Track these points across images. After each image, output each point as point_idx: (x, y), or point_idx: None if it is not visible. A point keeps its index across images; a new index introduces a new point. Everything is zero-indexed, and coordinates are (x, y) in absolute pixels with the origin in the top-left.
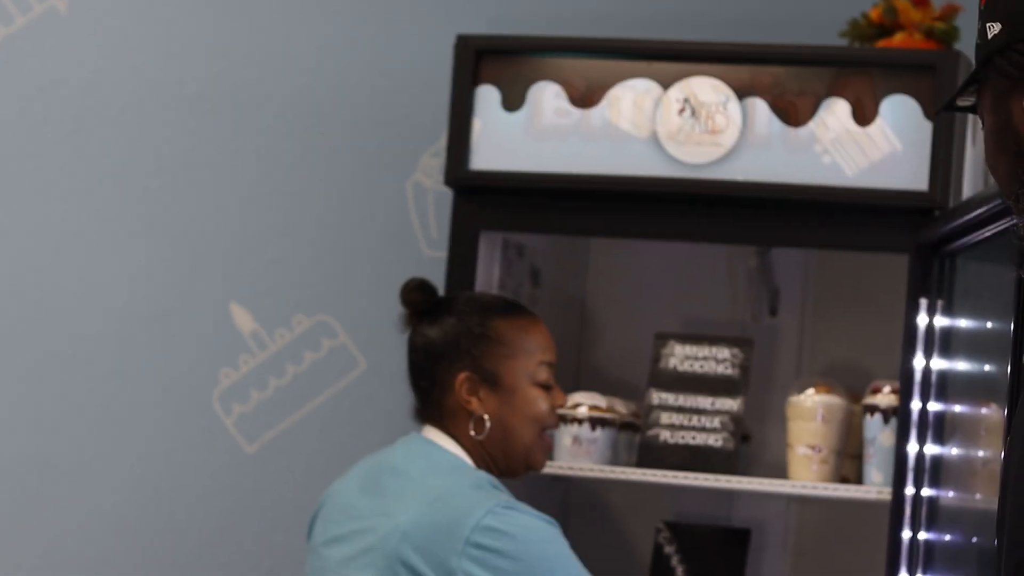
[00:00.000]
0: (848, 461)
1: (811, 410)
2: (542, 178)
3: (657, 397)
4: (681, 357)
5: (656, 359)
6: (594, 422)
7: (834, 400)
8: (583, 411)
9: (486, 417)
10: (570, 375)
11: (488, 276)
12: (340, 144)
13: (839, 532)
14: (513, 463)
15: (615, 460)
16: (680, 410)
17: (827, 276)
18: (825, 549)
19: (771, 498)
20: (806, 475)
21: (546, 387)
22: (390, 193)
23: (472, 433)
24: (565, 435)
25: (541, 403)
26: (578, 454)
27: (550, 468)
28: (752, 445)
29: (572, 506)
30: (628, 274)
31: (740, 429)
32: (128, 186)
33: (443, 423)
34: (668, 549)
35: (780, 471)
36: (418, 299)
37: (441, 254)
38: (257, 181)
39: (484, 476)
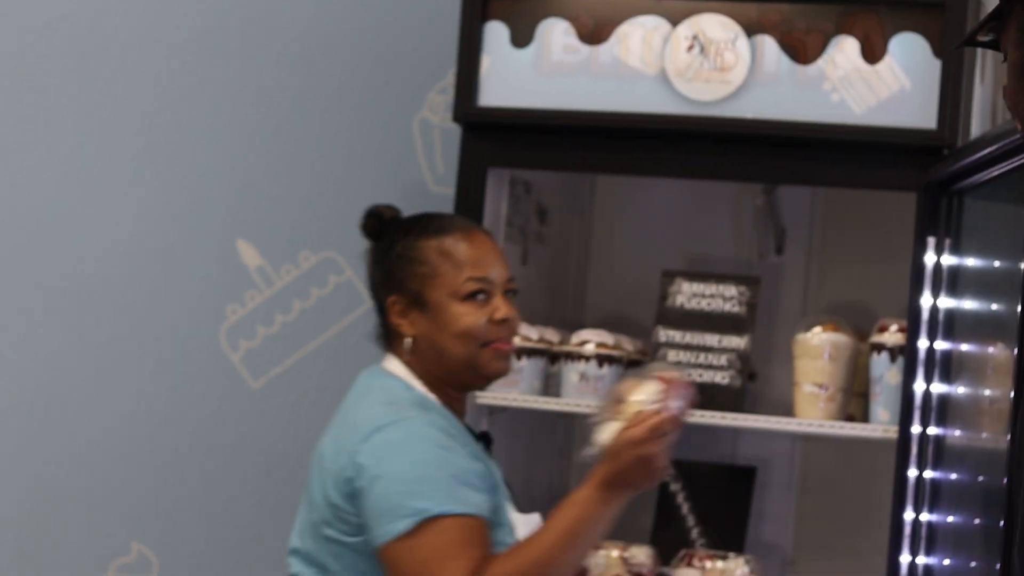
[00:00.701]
0: (855, 399)
1: (818, 348)
2: (550, 115)
3: (664, 335)
4: (688, 295)
5: (663, 297)
6: (601, 359)
7: (841, 338)
8: (590, 348)
9: (412, 339)
10: (577, 312)
11: (495, 213)
12: (346, 80)
13: (845, 470)
14: (458, 378)
15: None
16: (687, 347)
17: (834, 215)
18: (831, 487)
19: (777, 436)
20: (812, 413)
21: (478, 301)
22: (397, 130)
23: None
24: (572, 372)
25: (468, 318)
26: (585, 391)
27: (557, 404)
28: (758, 383)
29: (578, 443)
30: (635, 212)
31: (747, 367)
32: (133, 122)
33: (393, 348)
34: (674, 487)
35: (786, 409)
36: (366, 225)
37: (448, 191)
38: (263, 118)
39: (401, 395)
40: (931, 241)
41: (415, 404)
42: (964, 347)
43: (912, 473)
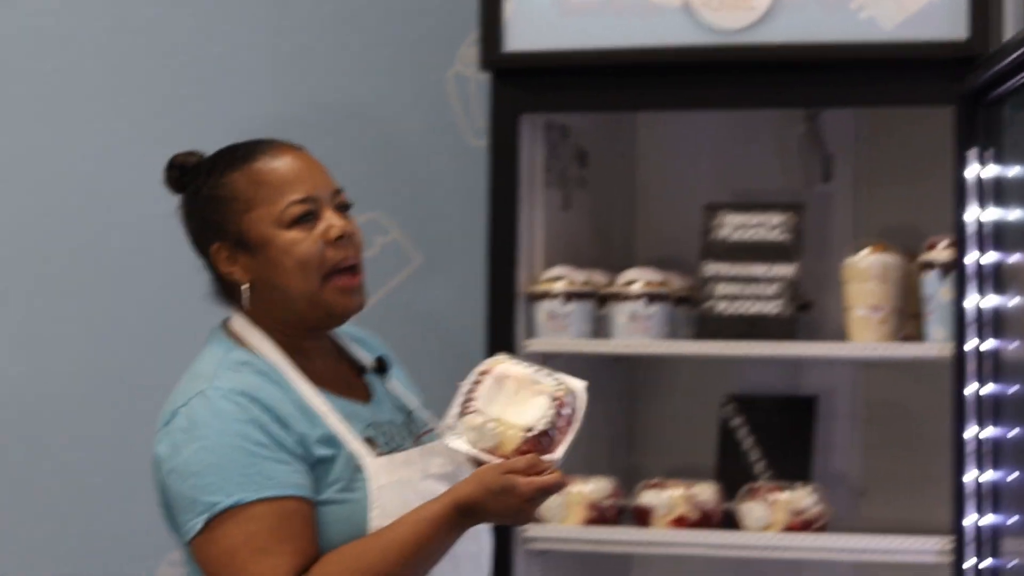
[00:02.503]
0: (910, 321)
1: (867, 270)
2: (577, 55)
3: (711, 268)
4: (732, 227)
5: (707, 231)
6: (649, 297)
7: (890, 259)
8: (637, 287)
9: (248, 285)
10: (624, 254)
11: (532, 160)
12: (377, 39)
13: (908, 395)
14: (307, 318)
15: (673, 335)
16: (735, 280)
17: (879, 139)
18: (894, 413)
19: (837, 365)
20: (867, 336)
21: (306, 224)
22: (431, 86)
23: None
24: (621, 313)
25: (302, 245)
26: (635, 331)
27: (608, 346)
28: (814, 313)
29: (636, 387)
30: (677, 148)
31: (797, 295)
32: (162, 82)
33: (232, 303)
34: (735, 422)
35: (843, 338)
36: (168, 179)
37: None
38: (295, 82)
39: (211, 362)
40: (972, 153)
41: (228, 368)
42: (1014, 257)
43: (970, 389)
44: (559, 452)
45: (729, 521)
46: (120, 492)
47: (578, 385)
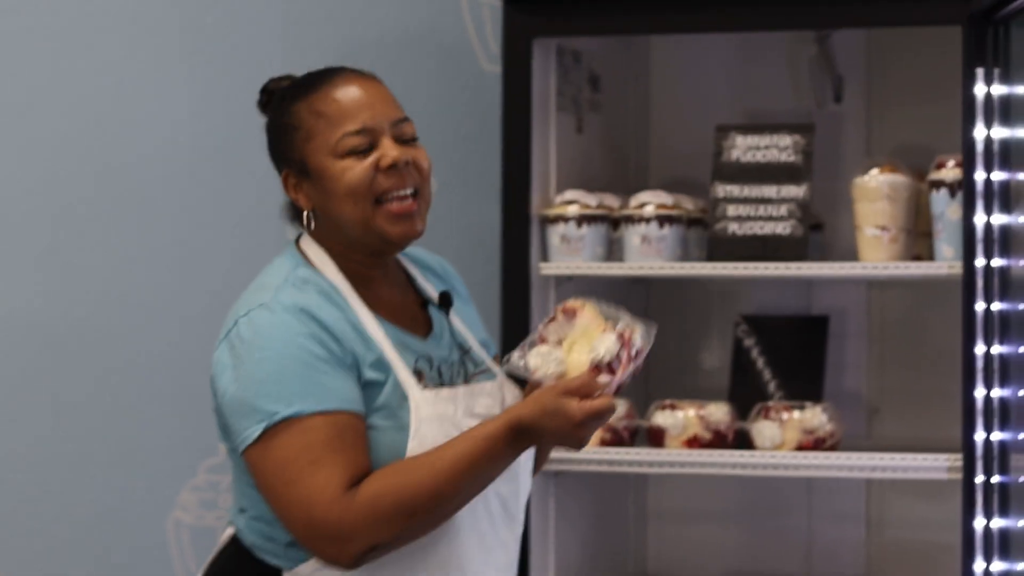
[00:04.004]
0: (920, 240)
1: (876, 190)
2: None
3: (722, 190)
4: (743, 148)
5: (718, 152)
6: (661, 220)
7: (898, 179)
8: (650, 210)
9: (311, 212)
10: (638, 177)
11: (544, 85)
12: None
13: (919, 315)
14: (363, 245)
15: (686, 257)
16: (746, 201)
17: (889, 60)
18: (906, 333)
19: (848, 285)
20: (876, 256)
21: (361, 154)
22: (446, 11)
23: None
24: (633, 235)
25: (351, 173)
26: (648, 253)
27: (621, 269)
28: (825, 234)
29: (653, 309)
30: (688, 71)
31: (807, 216)
32: (187, 6)
33: (303, 226)
34: (748, 342)
35: (853, 257)
36: (259, 103)
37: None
38: (311, 6)
39: (278, 275)
40: (980, 72)
41: (291, 283)
42: (1022, 175)
43: (979, 306)
44: (615, 381)
45: (742, 441)
46: (145, 416)
47: (646, 326)
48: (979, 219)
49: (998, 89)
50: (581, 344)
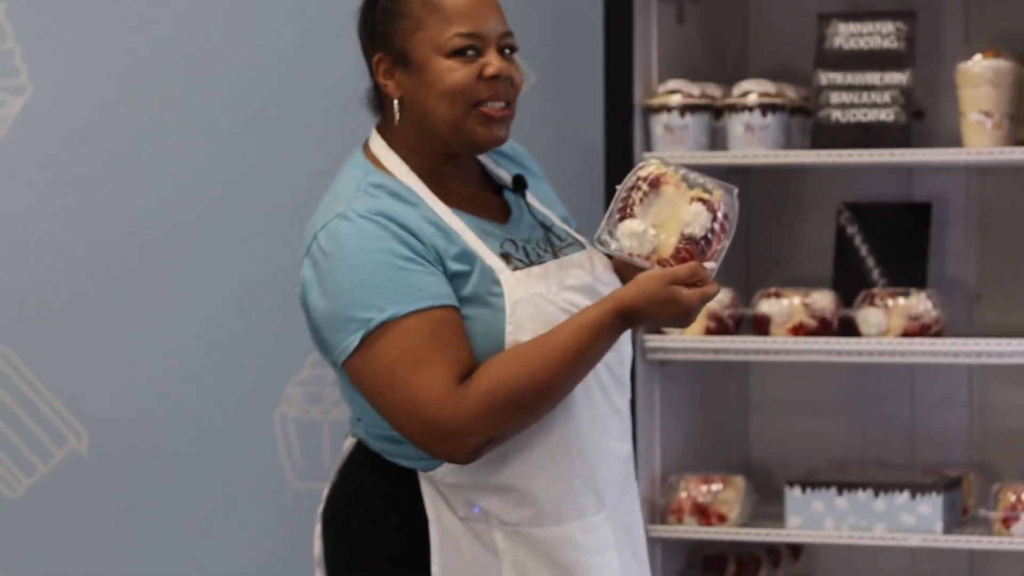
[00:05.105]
0: (1023, 125)
1: (980, 76)
2: None
3: (825, 78)
4: (846, 35)
5: (821, 40)
6: (764, 108)
7: (1002, 64)
8: (752, 98)
9: (399, 100)
10: (739, 66)
11: None
12: None
13: (1021, 200)
14: (446, 143)
15: (789, 145)
16: (849, 88)
17: None
18: (1008, 218)
19: (951, 171)
20: (980, 141)
21: (466, 57)
22: None
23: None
24: (736, 123)
25: (455, 75)
26: (751, 141)
27: (725, 158)
28: (927, 121)
29: (753, 197)
30: None
31: (911, 102)
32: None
33: (383, 117)
34: (850, 230)
35: (956, 144)
36: None
37: None
38: None
39: (350, 185)
40: None
41: (364, 191)
42: None
43: None
44: (717, 261)
45: (846, 328)
46: (250, 312)
47: (730, 191)
48: None
49: None
50: (670, 217)
